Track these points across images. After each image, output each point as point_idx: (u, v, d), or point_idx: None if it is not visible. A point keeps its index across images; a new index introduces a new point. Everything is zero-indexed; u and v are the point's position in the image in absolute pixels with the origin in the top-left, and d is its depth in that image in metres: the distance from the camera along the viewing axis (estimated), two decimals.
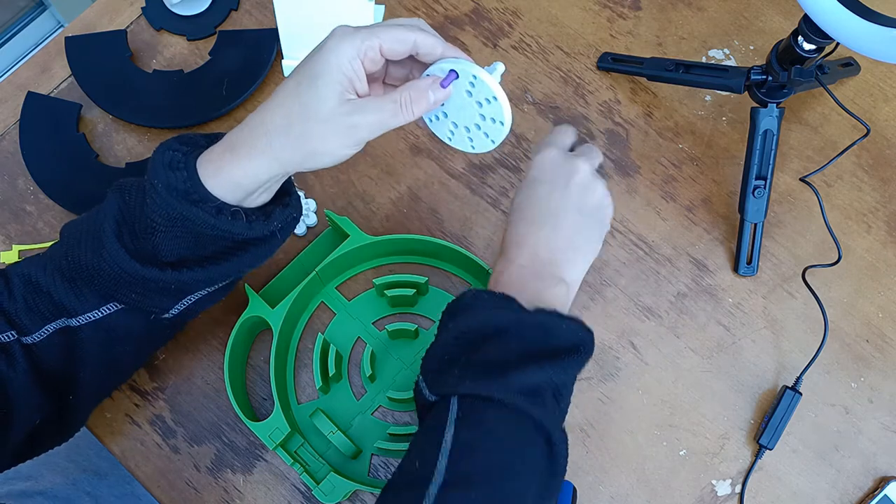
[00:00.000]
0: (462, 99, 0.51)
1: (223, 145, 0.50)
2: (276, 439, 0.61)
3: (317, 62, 0.48)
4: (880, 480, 0.67)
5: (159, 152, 0.50)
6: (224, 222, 0.50)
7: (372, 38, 0.48)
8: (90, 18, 0.80)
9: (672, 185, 0.75)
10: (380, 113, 0.49)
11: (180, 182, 0.49)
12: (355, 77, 0.48)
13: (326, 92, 0.48)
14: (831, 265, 0.68)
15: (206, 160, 0.50)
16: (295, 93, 0.48)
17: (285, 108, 0.48)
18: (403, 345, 0.69)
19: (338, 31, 0.49)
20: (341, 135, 0.49)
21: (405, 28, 0.49)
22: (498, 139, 0.52)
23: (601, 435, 0.68)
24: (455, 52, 0.51)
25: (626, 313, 0.71)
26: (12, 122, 0.75)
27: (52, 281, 0.53)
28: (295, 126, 0.48)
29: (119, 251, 0.51)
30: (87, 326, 0.54)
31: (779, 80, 0.66)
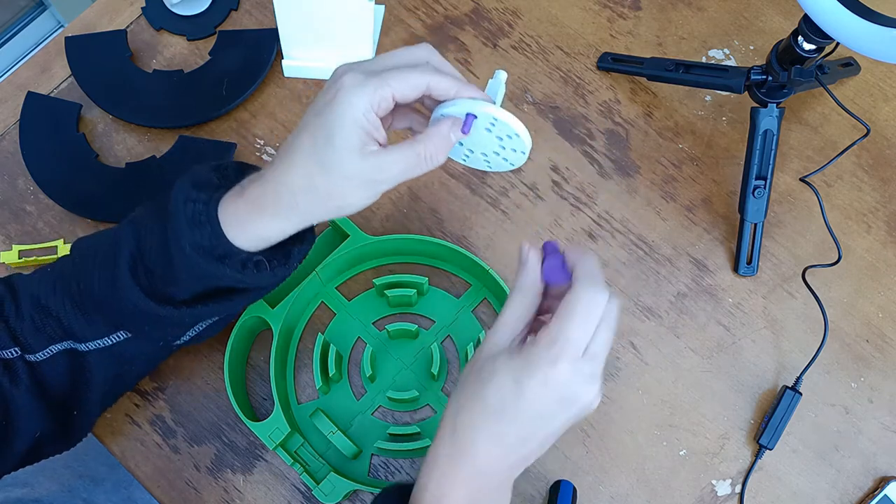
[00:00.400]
0: (481, 134, 0.50)
1: (247, 202, 0.49)
2: (276, 439, 0.61)
3: (330, 118, 0.47)
4: (880, 480, 0.67)
5: (179, 203, 0.49)
6: (249, 276, 0.51)
7: (384, 88, 0.47)
8: (90, 18, 0.80)
9: (672, 185, 0.75)
10: (402, 165, 0.48)
11: (205, 239, 0.49)
12: (372, 129, 0.47)
13: (345, 150, 0.46)
14: (831, 265, 0.68)
15: (229, 214, 0.49)
16: (312, 151, 0.47)
17: (305, 168, 0.47)
18: (403, 345, 0.69)
19: (346, 82, 0.47)
20: (364, 188, 0.48)
21: (418, 72, 0.48)
22: (518, 164, 0.52)
23: (601, 435, 0.68)
24: (470, 90, 0.49)
25: (626, 313, 0.71)
26: (12, 122, 0.75)
27: (62, 305, 0.52)
28: (318, 185, 0.47)
29: (134, 289, 0.51)
30: (94, 352, 0.54)
31: (779, 80, 0.66)
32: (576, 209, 0.74)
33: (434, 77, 0.48)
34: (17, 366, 0.52)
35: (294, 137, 0.48)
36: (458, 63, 0.78)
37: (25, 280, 0.55)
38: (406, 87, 0.47)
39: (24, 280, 0.55)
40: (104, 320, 0.52)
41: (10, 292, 0.54)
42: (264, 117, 0.76)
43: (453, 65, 0.77)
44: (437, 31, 0.80)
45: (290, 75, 0.77)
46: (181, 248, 0.49)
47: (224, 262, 0.50)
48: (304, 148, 0.47)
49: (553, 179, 0.75)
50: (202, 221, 0.49)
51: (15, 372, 0.52)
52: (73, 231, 0.72)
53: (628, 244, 0.73)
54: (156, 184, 0.73)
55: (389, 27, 0.80)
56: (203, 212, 0.49)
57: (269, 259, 0.52)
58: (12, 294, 0.53)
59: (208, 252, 0.49)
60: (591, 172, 0.75)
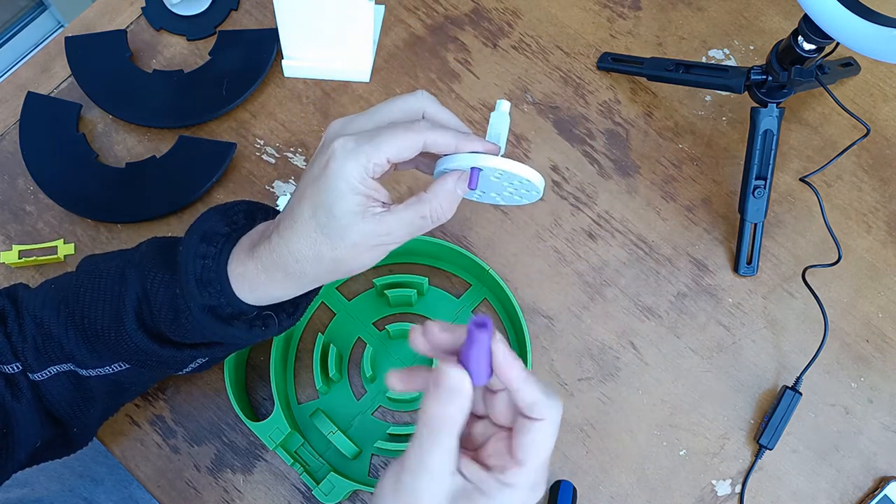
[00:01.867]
0: (489, 181, 0.48)
1: (256, 265, 0.48)
2: (276, 439, 0.61)
3: (325, 187, 0.45)
4: (880, 480, 0.67)
5: (188, 259, 0.49)
6: (257, 334, 0.50)
7: (377, 153, 0.44)
8: (90, 18, 0.80)
9: (672, 185, 0.75)
10: (408, 227, 0.46)
11: (214, 298, 0.48)
12: (371, 192, 0.45)
13: (346, 217, 0.45)
14: (831, 265, 0.68)
15: (238, 274, 0.48)
16: (313, 220, 0.45)
17: (309, 238, 0.46)
18: (403, 345, 0.69)
19: (338, 149, 0.45)
20: (371, 252, 0.47)
21: (413, 132, 0.45)
22: (533, 200, 0.50)
23: (601, 435, 0.68)
24: (471, 143, 0.46)
25: (626, 313, 0.71)
26: (12, 122, 0.75)
27: (65, 332, 0.52)
28: (324, 254, 0.46)
29: (138, 333, 0.51)
30: (96, 378, 0.54)
31: (779, 80, 0.66)
32: (576, 209, 0.74)
33: (430, 135, 0.45)
34: (19, 380, 0.52)
35: (296, 203, 0.47)
36: (459, 63, 0.78)
37: (30, 297, 0.54)
38: (400, 149, 0.45)
39: (27, 296, 0.54)
40: (108, 353, 0.52)
41: (14, 307, 0.53)
42: (264, 117, 0.76)
43: (453, 65, 0.78)
44: (437, 31, 0.80)
45: (290, 75, 0.77)
46: (189, 309, 0.48)
47: (231, 322, 0.49)
48: (305, 217, 0.46)
49: (553, 179, 0.75)
50: (211, 280, 0.48)
51: (17, 386, 0.52)
52: (73, 231, 0.72)
53: (628, 244, 0.73)
54: (156, 184, 0.73)
55: (389, 27, 0.80)
56: (212, 268, 0.48)
57: (277, 312, 0.51)
58: (16, 310, 0.53)
59: (216, 312, 0.49)
60: (591, 172, 0.75)
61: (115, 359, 0.53)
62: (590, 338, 0.70)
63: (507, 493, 0.41)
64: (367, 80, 0.78)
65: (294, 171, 0.74)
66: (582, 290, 0.71)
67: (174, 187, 0.72)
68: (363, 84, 0.78)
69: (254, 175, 0.74)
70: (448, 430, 0.40)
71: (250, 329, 0.50)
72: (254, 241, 0.49)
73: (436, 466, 0.40)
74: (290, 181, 0.74)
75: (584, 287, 0.71)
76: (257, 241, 0.49)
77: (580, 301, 0.71)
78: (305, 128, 0.76)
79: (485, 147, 0.47)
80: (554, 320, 0.70)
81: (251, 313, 0.50)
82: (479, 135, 0.48)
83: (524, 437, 0.41)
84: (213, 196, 0.73)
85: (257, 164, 0.74)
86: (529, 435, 0.41)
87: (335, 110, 0.76)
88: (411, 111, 0.47)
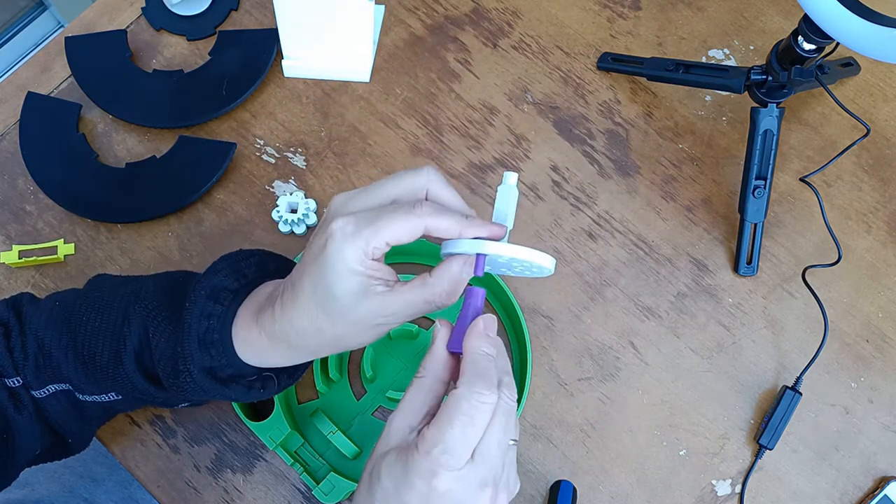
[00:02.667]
0: (497, 261, 0.48)
1: (260, 333, 0.48)
2: (276, 439, 0.61)
3: (325, 268, 0.44)
4: (880, 480, 0.67)
5: (193, 318, 0.48)
6: (255, 395, 0.51)
7: (376, 238, 0.43)
8: (90, 18, 0.80)
9: (672, 185, 0.75)
10: (411, 309, 0.45)
11: (215, 360, 0.48)
12: (372, 272, 0.44)
13: (347, 297, 0.44)
14: (831, 265, 0.68)
15: (243, 340, 0.48)
16: (314, 298, 0.45)
17: (310, 314, 0.45)
18: (403, 345, 0.69)
19: (336, 231, 0.44)
20: (373, 330, 0.46)
21: (414, 216, 0.44)
22: (543, 276, 0.49)
23: (601, 435, 0.68)
24: (475, 228, 0.45)
25: (626, 313, 0.71)
26: (12, 122, 0.75)
27: (65, 357, 0.52)
28: (325, 330, 0.46)
29: (137, 375, 0.51)
30: (92, 403, 0.54)
31: (779, 80, 0.66)
32: (576, 209, 0.74)
33: (432, 220, 0.44)
34: (21, 394, 0.53)
35: (298, 277, 0.46)
36: (459, 63, 0.78)
37: (34, 312, 0.53)
38: (400, 234, 0.44)
39: (32, 312, 0.54)
40: (105, 384, 0.52)
41: (18, 321, 0.53)
42: (264, 117, 0.76)
43: (453, 65, 0.78)
44: (437, 31, 0.80)
45: (290, 75, 0.77)
46: (188, 371, 0.48)
47: (229, 385, 0.49)
48: (307, 293, 0.45)
49: (553, 179, 0.75)
50: (214, 341, 0.48)
51: (19, 399, 0.52)
52: (73, 231, 0.72)
53: (628, 244, 0.73)
54: (156, 184, 0.73)
55: (389, 27, 0.80)
56: (217, 328, 0.48)
57: (278, 374, 0.51)
58: (20, 325, 0.53)
59: (215, 374, 0.49)
60: (591, 172, 0.75)
61: (111, 389, 0.53)
62: (590, 338, 0.70)
63: (412, 456, 0.41)
64: (367, 80, 0.78)
65: (294, 171, 0.74)
66: (582, 290, 0.71)
67: (174, 187, 0.72)
68: (363, 84, 0.78)
69: (254, 175, 0.74)
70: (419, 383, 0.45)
71: (248, 391, 0.50)
72: (260, 305, 0.48)
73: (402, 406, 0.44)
74: (290, 181, 0.74)
75: (584, 287, 0.71)
76: (264, 304, 0.48)
77: (580, 301, 0.71)
78: (305, 128, 0.76)
79: (490, 232, 0.45)
80: (554, 320, 0.70)
81: (251, 375, 0.50)
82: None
83: (442, 405, 0.42)
84: (213, 196, 0.73)
85: (257, 164, 0.74)
86: (446, 402, 0.42)
87: (335, 110, 0.76)
88: (414, 190, 0.46)
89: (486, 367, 0.43)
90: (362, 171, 0.75)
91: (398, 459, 0.42)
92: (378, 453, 0.43)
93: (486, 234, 0.45)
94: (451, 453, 0.40)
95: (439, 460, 0.40)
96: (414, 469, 0.41)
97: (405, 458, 0.41)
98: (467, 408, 0.41)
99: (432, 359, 0.45)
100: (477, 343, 0.44)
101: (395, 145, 0.75)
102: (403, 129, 0.76)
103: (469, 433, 0.41)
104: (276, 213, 0.71)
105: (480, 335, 0.44)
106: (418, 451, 0.41)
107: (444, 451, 0.40)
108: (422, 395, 0.44)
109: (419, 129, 0.76)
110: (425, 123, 0.76)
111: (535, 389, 0.68)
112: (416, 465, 0.41)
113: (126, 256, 0.71)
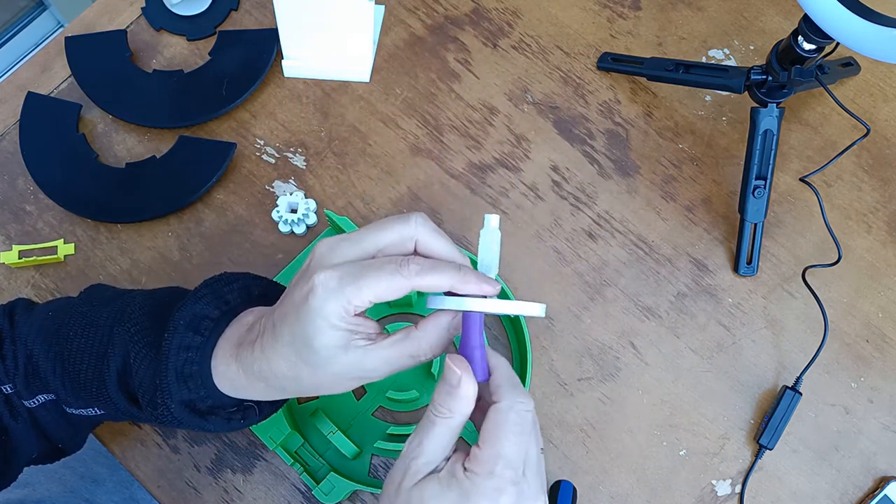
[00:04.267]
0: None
1: (238, 368, 0.47)
2: (276, 439, 0.61)
3: (305, 321, 0.43)
4: (880, 480, 0.67)
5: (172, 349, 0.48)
6: (236, 424, 0.50)
7: (359, 296, 0.42)
8: (90, 18, 0.80)
9: (672, 185, 0.75)
10: (392, 366, 0.44)
11: (193, 392, 0.48)
12: (353, 327, 0.43)
13: (326, 350, 0.43)
14: (831, 265, 0.68)
15: (222, 374, 0.47)
16: (293, 350, 0.44)
17: (289, 361, 0.44)
18: None
19: (318, 285, 0.42)
20: (352, 382, 0.45)
21: (400, 277, 0.42)
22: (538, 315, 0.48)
23: (601, 435, 0.68)
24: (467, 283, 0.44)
25: (626, 313, 0.71)
26: (12, 122, 0.75)
27: (52, 371, 0.51)
28: (303, 377, 0.45)
29: (119, 395, 0.50)
30: (78, 416, 0.54)
31: (779, 80, 0.66)
32: (576, 209, 0.74)
33: (419, 280, 0.43)
34: (14, 401, 0.53)
35: (279, 322, 0.44)
36: (458, 63, 0.78)
37: (26, 322, 0.53)
38: (385, 293, 0.42)
39: (24, 321, 0.53)
40: (89, 400, 0.52)
41: (11, 329, 0.53)
42: (264, 117, 0.76)
43: (453, 65, 0.78)
44: (437, 31, 0.80)
45: (290, 75, 0.77)
46: (166, 404, 0.48)
47: (207, 417, 0.49)
48: (285, 340, 0.44)
49: (553, 179, 0.75)
50: (192, 373, 0.47)
51: (15, 406, 0.53)
52: (73, 231, 0.72)
53: (628, 244, 0.73)
54: (156, 184, 0.73)
55: (389, 27, 0.80)
56: (196, 360, 0.47)
57: (259, 404, 0.51)
58: (12, 334, 0.52)
59: (194, 406, 0.48)
60: (591, 172, 0.75)
61: (95, 405, 0.52)
62: (590, 338, 0.70)
63: (465, 478, 0.41)
64: (367, 80, 0.78)
65: (294, 171, 0.74)
66: (582, 290, 0.71)
67: (174, 187, 0.72)
68: (363, 84, 0.78)
69: (254, 175, 0.74)
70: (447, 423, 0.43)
71: (228, 422, 0.50)
72: (241, 339, 0.47)
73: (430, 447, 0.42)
74: (290, 181, 0.74)
75: (584, 287, 0.71)
76: (244, 338, 0.47)
77: (580, 301, 0.71)
78: (305, 128, 0.76)
79: (482, 289, 0.44)
80: (554, 320, 0.70)
81: (231, 406, 0.49)
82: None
83: (486, 422, 0.42)
84: (213, 196, 0.73)
85: (257, 164, 0.74)
86: (490, 417, 0.42)
87: (335, 110, 0.76)
88: (402, 240, 0.44)
89: (512, 373, 0.44)
90: (362, 171, 0.75)
91: (449, 487, 0.41)
92: (404, 487, 0.42)
93: (478, 290, 0.44)
94: (512, 467, 0.41)
95: (504, 476, 0.41)
96: (476, 491, 0.41)
97: (458, 485, 0.41)
98: (516, 418, 0.42)
99: (460, 400, 0.43)
100: (498, 359, 0.45)
101: (395, 145, 0.75)
102: (403, 129, 0.76)
103: (521, 443, 0.42)
104: (276, 213, 0.71)
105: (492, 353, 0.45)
106: (478, 474, 0.41)
107: (506, 466, 0.41)
108: (448, 434, 0.43)
109: (419, 129, 0.76)
110: (425, 123, 0.76)
111: (535, 389, 0.68)
112: (479, 488, 0.41)
113: (126, 256, 0.71)
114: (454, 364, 0.43)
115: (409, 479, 0.42)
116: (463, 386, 0.43)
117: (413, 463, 0.43)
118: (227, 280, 0.51)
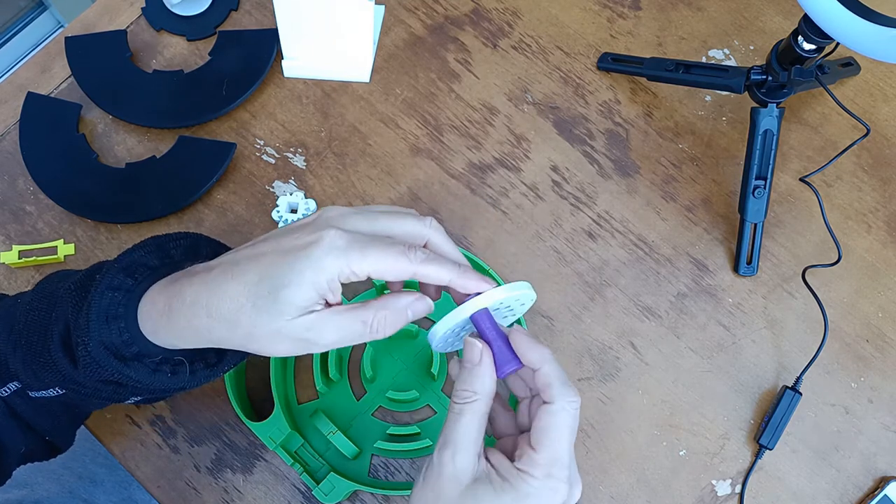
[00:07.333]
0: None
1: (162, 306, 0.43)
2: (276, 439, 0.61)
3: (290, 269, 0.41)
4: (880, 480, 0.67)
5: (99, 290, 0.44)
6: (162, 378, 0.46)
7: (361, 265, 0.41)
8: (90, 18, 0.80)
9: (672, 185, 0.75)
10: (342, 333, 0.43)
11: (114, 335, 0.44)
12: (328, 293, 0.42)
13: (286, 305, 0.41)
14: (831, 265, 0.68)
15: (144, 313, 0.44)
16: (249, 289, 0.41)
17: (236, 302, 0.41)
18: (403, 345, 0.69)
19: (326, 239, 0.41)
20: (292, 344, 0.43)
21: (406, 261, 0.42)
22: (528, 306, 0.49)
23: (601, 435, 0.68)
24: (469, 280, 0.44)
25: (626, 313, 0.71)
26: (12, 122, 0.75)
27: (13, 353, 0.49)
28: (240, 326, 0.42)
29: (63, 359, 0.47)
30: (43, 398, 0.51)
31: (779, 80, 0.66)
32: (576, 209, 0.74)
33: (423, 267, 0.42)
34: None
35: (244, 259, 0.42)
36: (458, 63, 0.78)
37: None
38: (387, 270, 0.42)
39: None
40: (45, 377, 0.49)
41: None
42: (264, 118, 0.76)
43: (453, 65, 0.78)
44: (437, 31, 0.80)
45: (290, 75, 0.77)
46: (84, 343, 0.44)
47: (130, 363, 0.45)
48: (245, 279, 0.41)
49: (553, 179, 0.75)
50: (118, 315, 0.44)
51: None
52: (73, 231, 0.72)
53: (628, 244, 0.73)
54: (156, 184, 0.73)
55: (389, 27, 0.80)
56: (122, 303, 0.44)
57: (194, 360, 0.47)
58: None
59: (117, 351, 0.44)
60: (591, 172, 0.75)
61: (50, 381, 0.49)
62: (590, 338, 0.70)
63: (521, 481, 0.42)
64: (367, 81, 0.78)
65: (294, 171, 0.74)
66: (582, 290, 0.71)
67: (174, 187, 0.72)
68: (363, 84, 0.78)
69: (254, 175, 0.74)
70: (472, 409, 0.43)
71: (153, 373, 0.45)
72: (177, 278, 0.45)
73: (460, 440, 0.43)
74: (290, 181, 0.74)
75: (584, 287, 0.71)
76: (179, 279, 0.44)
77: (580, 301, 0.71)
78: (305, 128, 0.76)
79: (479, 287, 0.44)
80: (554, 320, 0.70)
81: (157, 356, 0.45)
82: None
83: (538, 422, 0.43)
84: (213, 196, 0.73)
85: (257, 165, 0.75)
86: (543, 419, 0.43)
87: (335, 110, 0.76)
88: (414, 236, 0.45)
89: (563, 371, 0.44)
90: (362, 171, 0.75)
91: (503, 489, 0.42)
92: (450, 496, 0.42)
93: (477, 288, 0.44)
94: (567, 467, 0.42)
95: (560, 477, 0.42)
96: (535, 494, 0.42)
97: (514, 488, 0.42)
98: (568, 419, 0.43)
99: (481, 378, 0.43)
100: (542, 351, 0.44)
101: (395, 145, 0.75)
102: (403, 129, 0.76)
103: (573, 442, 0.43)
104: (276, 213, 0.71)
105: (534, 343, 0.44)
106: (536, 477, 0.42)
107: (562, 468, 0.42)
108: (477, 420, 0.43)
109: (419, 129, 0.76)
110: (425, 123, 0.76)
111: None
112: (538, 491, 0.42)
113: None
114: (475, 345, 0.44)
115: (449, 486, 0.42)
116: (485, 361, 0.43)
117: (451, 464, 0.42)
118: (176, 237, 0.49)
